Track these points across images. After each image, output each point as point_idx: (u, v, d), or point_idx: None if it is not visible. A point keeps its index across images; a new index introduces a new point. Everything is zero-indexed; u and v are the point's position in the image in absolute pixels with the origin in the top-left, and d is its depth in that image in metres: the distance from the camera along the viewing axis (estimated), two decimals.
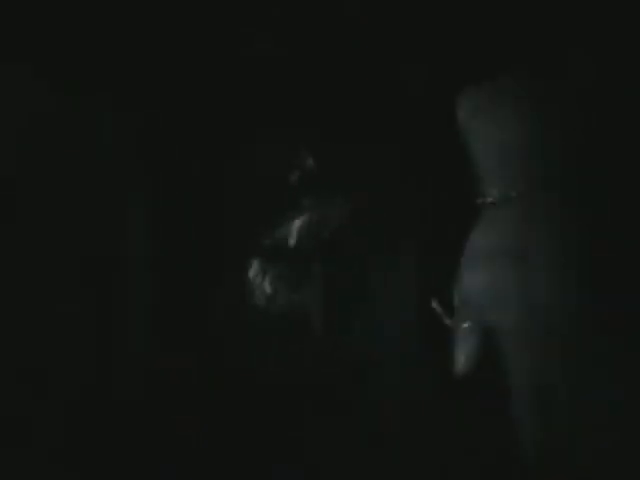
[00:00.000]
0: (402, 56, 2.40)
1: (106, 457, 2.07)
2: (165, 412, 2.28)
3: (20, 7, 2.13)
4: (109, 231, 2.29)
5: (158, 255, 2.42)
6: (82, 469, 2.03)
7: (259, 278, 2.45)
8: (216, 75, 2.48)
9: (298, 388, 2.31)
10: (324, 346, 2.35)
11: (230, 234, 2.53)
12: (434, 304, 2.12)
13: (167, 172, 2.49)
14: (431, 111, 2.28)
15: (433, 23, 2.33)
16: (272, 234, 2.49)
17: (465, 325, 1.95)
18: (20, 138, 2.03)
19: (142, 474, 2.08)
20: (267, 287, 2.42)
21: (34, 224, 2.06)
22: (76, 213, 2.20)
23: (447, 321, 2.05)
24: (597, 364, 1.78)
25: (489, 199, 1.96)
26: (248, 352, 2.40)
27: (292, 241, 2.45)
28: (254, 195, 2.53)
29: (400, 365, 2.29)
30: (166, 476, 2.10)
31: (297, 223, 2.46)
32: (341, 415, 2.23)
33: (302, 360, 2.37)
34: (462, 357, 1.94)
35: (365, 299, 2.39)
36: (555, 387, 1.80)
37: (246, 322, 2.45)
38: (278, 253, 2.47)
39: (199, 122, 2.50)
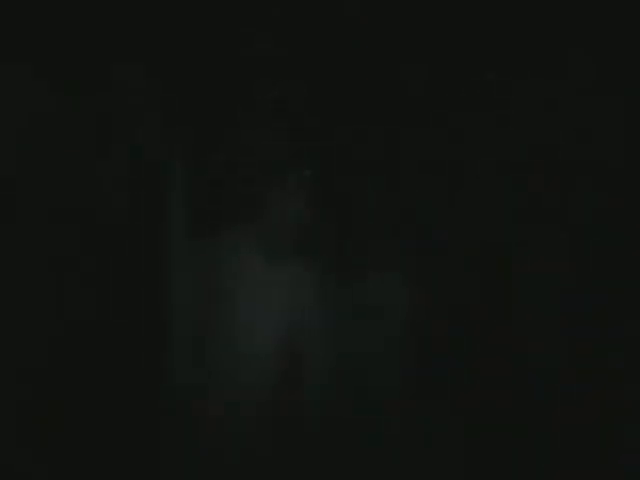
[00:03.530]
0: (402, 56, 2.40)
1: (106, 456, 2.07)
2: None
3: (20, 7, 2.13)
4: (107, 228, 2.29)
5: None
6: (81, 467, 2.03)
7: None
8: (216, 74, 2.48)
9: None
10: None
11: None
12: None
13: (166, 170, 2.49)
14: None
15: (433, 23, 2.33)
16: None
17: None
18: (20, 138, 2.04)
19: (142, 474, 2.08)
20: None
21: (34, 223, 2.06)
22: (75, 212, 2.20)
23: None
24: None
25: None
26: None
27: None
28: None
29: None
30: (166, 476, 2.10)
31: None
32: None
33: None
34: None
35: None
36: None
37: None
38: None
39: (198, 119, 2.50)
